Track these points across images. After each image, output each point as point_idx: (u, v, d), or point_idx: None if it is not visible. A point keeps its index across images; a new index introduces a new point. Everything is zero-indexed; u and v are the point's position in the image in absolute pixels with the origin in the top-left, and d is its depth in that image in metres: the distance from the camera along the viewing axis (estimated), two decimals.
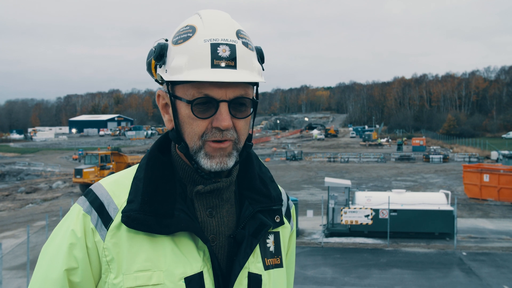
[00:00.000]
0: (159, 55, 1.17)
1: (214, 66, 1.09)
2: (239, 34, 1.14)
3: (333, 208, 15.35)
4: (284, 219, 1.32)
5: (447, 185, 27.78)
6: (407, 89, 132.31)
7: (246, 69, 1.13)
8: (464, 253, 13.47)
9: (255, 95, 1.21)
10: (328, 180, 16.26)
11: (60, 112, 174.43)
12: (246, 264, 1.17)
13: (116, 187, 1.20)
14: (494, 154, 43.18)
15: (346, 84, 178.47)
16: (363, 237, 15.02)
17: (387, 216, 14.37)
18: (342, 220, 14.86)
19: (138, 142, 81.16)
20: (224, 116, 1.11)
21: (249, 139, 1.23)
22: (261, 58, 1.22)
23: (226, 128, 1.12)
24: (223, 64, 1.09)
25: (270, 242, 1.26)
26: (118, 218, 1.14)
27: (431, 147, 58.38)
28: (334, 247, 14.22)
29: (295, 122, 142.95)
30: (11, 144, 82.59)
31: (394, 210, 14.67)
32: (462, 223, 16.81)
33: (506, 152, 33.98)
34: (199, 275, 1.12)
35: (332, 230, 15.24)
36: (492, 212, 19.54)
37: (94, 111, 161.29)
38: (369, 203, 14.98)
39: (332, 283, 11.03)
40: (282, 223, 1.29)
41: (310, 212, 15.76)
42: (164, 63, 1.17)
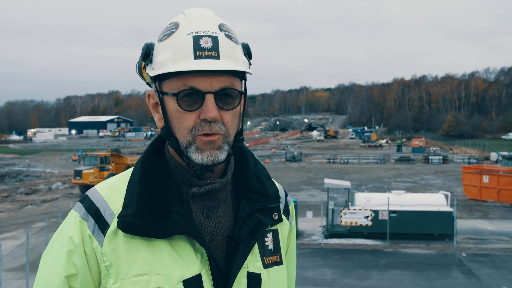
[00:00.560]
0: (145, 54, 1.18)
1: (197, 57, 1.10)
2: (221, 27, 1.15)
3: (332, 209, 15.35)
4: (283, 216, 1.32)
5: (447, 186, 27.77)
6: (406, 90, 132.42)
7: (230, 59, 1.12)
8: (464, 254, 13.46)
9: (243, 89, 1.21)
10: (327, 181, 16.25)
11: (60, 113, 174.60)
12: (245, 264, 1.17)
13: (112, 192, 1.20)
14: (493, 155, 43.13)
15: (345, 85, 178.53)
16: (362, 238, 15.01)
17: (387, 217, 14.36)
18: (341, 221, 14.87)
19: (137, 143, 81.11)
20: (210, 107, 1.11)
21: (240, 133, 1.22)
22: (248, 54, 1.22)
23: (213, 119, 1.11)
24: (205, 54, 1.10)
25: (269, 240, 1.26)
26: (114, 223, 1.14)
27: (431, 148, 58.35)
28: (333, 248, 14.21)
29: (295, 123, 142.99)
30: (11, 145, 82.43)
31: (394, 211, 14.67)
32: (462, 224, 16.80)
33: (506, 153, 33.89)
34: (198, 278, 1.12)
35: (331, 231, 15.23)
36: (491, 213, 19.54)
37: (94, 112, 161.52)
38: (368, 204, 14.98)
39: (332, 284, 11.02)
40: (280, 220, 1.28)
41: (309, 213, 15.75)
42: (150, 62, 1.18)
